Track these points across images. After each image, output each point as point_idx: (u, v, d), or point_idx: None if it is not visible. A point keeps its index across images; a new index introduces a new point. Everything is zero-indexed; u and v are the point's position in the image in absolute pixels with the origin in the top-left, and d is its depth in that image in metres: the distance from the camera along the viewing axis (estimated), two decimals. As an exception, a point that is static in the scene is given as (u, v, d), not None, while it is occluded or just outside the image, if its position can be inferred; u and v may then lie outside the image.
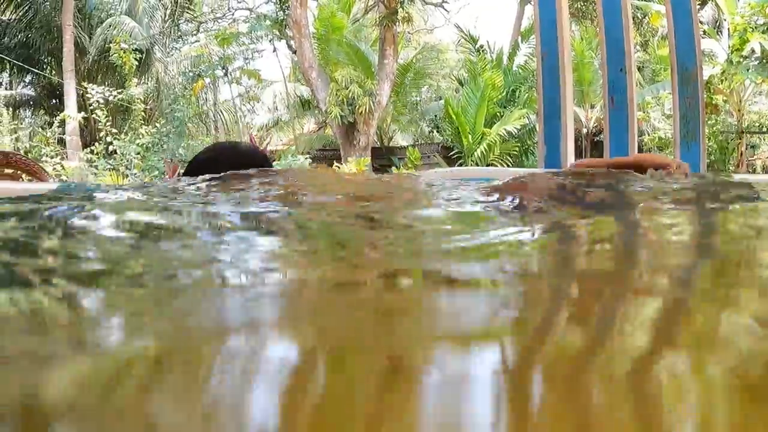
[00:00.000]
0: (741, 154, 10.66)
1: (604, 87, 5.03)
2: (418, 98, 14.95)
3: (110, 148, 8.93)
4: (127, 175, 8.70)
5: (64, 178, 8.70)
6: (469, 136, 12.82)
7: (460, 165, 12.81)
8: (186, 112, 10.60)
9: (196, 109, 12.20)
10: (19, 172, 4.03)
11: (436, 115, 14.93)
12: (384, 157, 14.03)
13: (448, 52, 15.78)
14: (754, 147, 11.60)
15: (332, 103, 11.43)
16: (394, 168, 11.63)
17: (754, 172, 11.47)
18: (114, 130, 9.06)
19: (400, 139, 16.32)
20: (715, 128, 10.67)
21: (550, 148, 5.20)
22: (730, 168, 10.67)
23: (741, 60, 8.35)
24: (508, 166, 13.07)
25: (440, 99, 15.05)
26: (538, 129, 5.38)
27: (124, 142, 8.98)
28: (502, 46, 15.82)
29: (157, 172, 8.92)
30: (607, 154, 5.02)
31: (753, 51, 7.87)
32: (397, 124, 15.42)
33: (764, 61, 8.04)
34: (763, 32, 7.67)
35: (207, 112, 13.53)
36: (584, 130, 13.28)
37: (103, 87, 9.54)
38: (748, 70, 8.29)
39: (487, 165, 12.76)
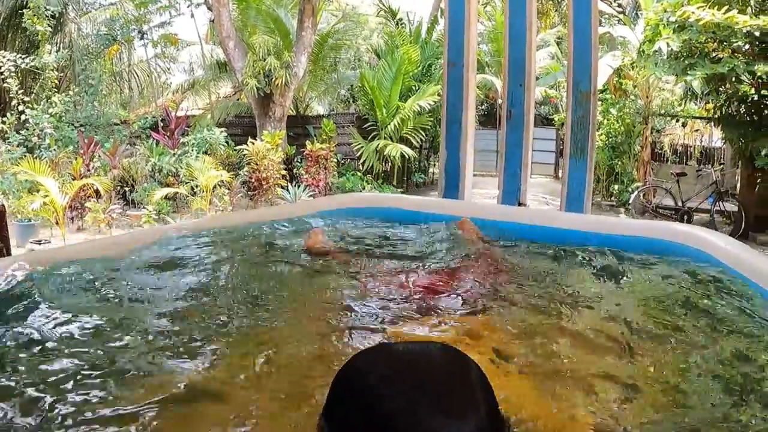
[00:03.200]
0: (646, 138, 11.58)
1: (504, 100, 5.61)
2: (336, 67, 15.08)
3: (22, 117, 8.68)
4: (41, 154, 8.52)
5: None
6: (384, 110, 13.20)
7: (374, 137, 13.23)
8: (100, 74, 10.35)
9: (110, 69, 11.88)
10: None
11: (352, 85, 15.15)
12: (299, 126, 14.24)
13: (367, 22, 15.92)
14: (660, 131, 12.61)
15: (248, 74, 11.48)
16: (308, 142, 11.88)
17: (662, 151, 12.54)
18: (26, 99, 8.80)
19: (317, 106, 16.48)
20: (622, 112, 11.58)
21: (451, 151, 5.76)
22: (636, 149, 11.60)
23: (650, 54, 9.03)
24: (421, 140, 13.61)
25: (357, 69, 15.25)
26: (441, 133, 5.91)
27: (37, 111, 8.74)
28: (422, 18, 16.17)
29: (72, 147, 8.78)
30: (501, 167, 5.63)
31: (660, 49, 8.53)
32: (313, 92, 15.55)
33: (670, 58, 8.69)
34: (673, 31, 8.27)
35: (120, 73, 13.17)
36: (499, 101, 13.93)
37: (14, 54, 9.15)
38: (655, 64, 8.98)
39: (400, 138, 13.24)
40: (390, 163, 13.23)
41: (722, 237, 2.95)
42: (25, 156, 8.21)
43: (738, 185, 9.60)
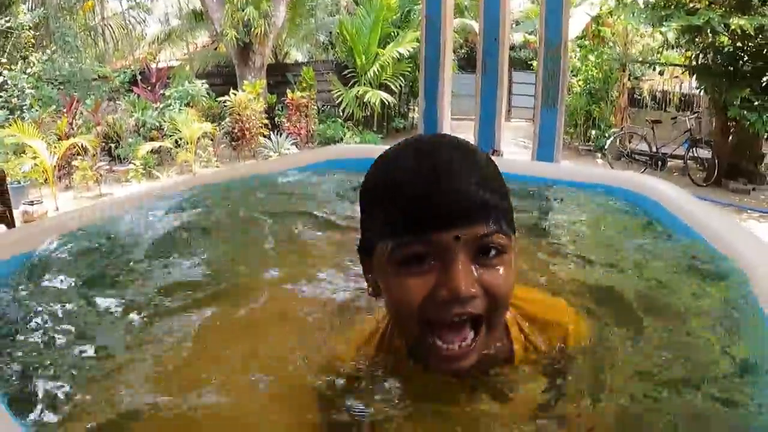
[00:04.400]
0: (623, 84, 11.72)
1: (479, 53, 5.77)
2: (314, 13, 14.91)
3: (0, 79, 8.64)
4: (23, 115, 8.51)
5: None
6: (363, 57, 13.19)
7: (354, 84, 13.25)
8: (75, 31, 10.24)
9: (84, 24, 11.70)
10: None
11: (331, 32, 15.03)
12: (279, 74, 14.19)
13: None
14: (638, 78, 12.72)
15: (227, 25, 11.41)
16: (289, 91, 11.91)
17: (641, 96, 12.68)
18: (2, 60, 8.74)
19: (296, 53, 16.35)
20: (600, 59, 11.70)
21: (429, 103, 5.95)
22: (613, 95, 11.77)
23: (627, 3, 9.07)
24: (400, 86, 13.65)
25: (336, 14, 15.11)
26: (419, 85, 6.08)
27: (15, 72, 8.70)
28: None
29: (54, 106, 8.78)
30: (477, 115, 5.83)
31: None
32: (292, 38, 15.41)
33: (647, 8, 8.75)
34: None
35: (95, 27, 12.96)
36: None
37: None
38: (632, 14, 9.04)
39: (380, 84, 13.29)
40: (370, 110, 13.30)
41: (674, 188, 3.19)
42: (8, 119, 8.22)
43: (712, 133, 9.86)
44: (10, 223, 4.53)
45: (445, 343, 0.81)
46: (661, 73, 11.61)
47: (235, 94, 10.83)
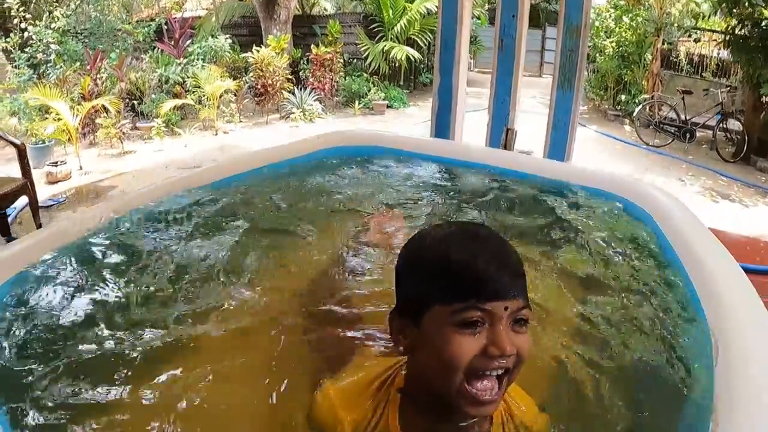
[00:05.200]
0: (657, 49, 11.29)
1: (496, 31, 5.61)
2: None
3: (25, 35, 8.69)
4: (47, 72, 8.59)
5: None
6: (391, 10, 12.94)
7: (381, 39, 13.03)
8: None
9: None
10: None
11: (360, -18, 14.72)
12: (306, 26, 14.02)
13: None
14: (672, 43, 12.23)
15: (253, -23, 11.24)
16: (313, 46, 11.78)
17: (677, 59, 12.23)
18: (28, 16, 8.77)
19: (325, 3, 16.05)
20: (635, 21, 11.27)
21: (444, 77, 5.85)
22: (647, 59, 11.38)
23: None
24: (427, 41, 13.36)
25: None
26: (435, 59, 5.96)
27: (40, 27, 8.74)
28: None
29: (78, 63, 8.83)
30: (493, 92, 5.72)
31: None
32: (320, -12, 15.13)
33: None
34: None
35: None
36: None
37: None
38: None
39: (407, 40, 13.06)
40: (397, 64, 13.12)
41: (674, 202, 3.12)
42: (31, 78, 8.31)
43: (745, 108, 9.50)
44: (32, 195, 4.68)
45: (482, 391, 1.01)
46: (696, 41, 11.15)
47: (258, 51, 10.75)
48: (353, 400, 1.18)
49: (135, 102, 9.55)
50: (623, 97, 11.51)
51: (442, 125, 5.82)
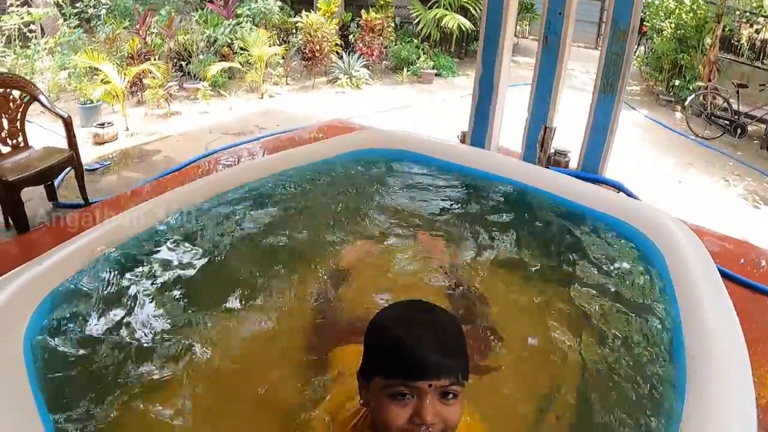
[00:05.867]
0: (716, 36, 10.80)
1: (541, 27, 5.52)
2: None
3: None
4: (97, 28, 8.72)
5: (32, 26, 8.73)
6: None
7: (433, 5, 12.80)
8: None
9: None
10: (8, 90, 4.56)
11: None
12: (358, -14, 13.84)
13: None
14: (732, 30, 11.68)
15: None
16: (363, 11, 11.67)
17: (738, 43, 11.69)
18: (81, -28, 8.94)
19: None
20: (696, 3, 10.80)
21: (486, 69, 5.81)
22: (706, 44, 10.94)
23: None
24: (480, 8, 13.02)
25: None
26: (478, 52, 5.91)
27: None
28: None
29: (128, 20, 8.97)
30: (534, 89, 5.66)
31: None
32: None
33: None
34: None
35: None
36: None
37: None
38: None
39: (460, 8, 12.80)
40: (448, 31, 12.91)
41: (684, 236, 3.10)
42: (80, 37, 8.48)
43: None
44: (78, 166, 4.91)
45: None
46: (757, 32, 10.61)
47: (307, 16, 10.74)
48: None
49: (183, 63, 9.71)
50: (677, 82, 11.12)
51: (481, 117, 5.84)
